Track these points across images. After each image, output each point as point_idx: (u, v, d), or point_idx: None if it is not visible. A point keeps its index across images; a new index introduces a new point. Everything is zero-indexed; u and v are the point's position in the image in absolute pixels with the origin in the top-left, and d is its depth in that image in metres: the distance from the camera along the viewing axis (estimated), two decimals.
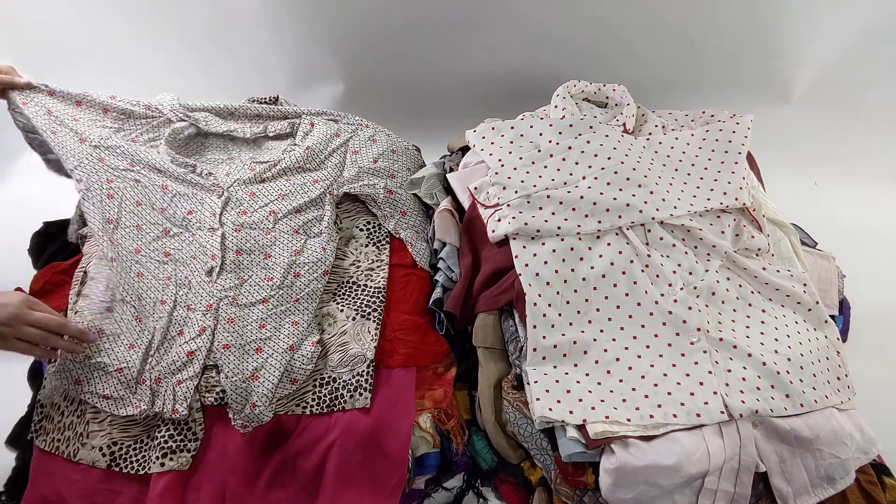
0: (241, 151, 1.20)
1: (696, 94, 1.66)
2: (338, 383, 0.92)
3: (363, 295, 1.03)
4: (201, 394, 0.88)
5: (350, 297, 1.03)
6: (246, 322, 0.95)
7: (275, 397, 0.88)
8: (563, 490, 0.85)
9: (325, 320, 1.00)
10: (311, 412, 0.90)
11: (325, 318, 1.00)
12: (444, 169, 1.24)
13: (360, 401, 0.91)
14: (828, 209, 1.49)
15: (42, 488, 0.85)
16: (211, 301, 0.95)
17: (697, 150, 1.14)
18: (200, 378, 0.89)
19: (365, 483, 0.87)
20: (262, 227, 1.04)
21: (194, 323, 0.93)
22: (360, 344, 0.97)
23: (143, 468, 0.85)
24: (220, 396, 0.89)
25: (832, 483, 0.85)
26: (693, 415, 0.83)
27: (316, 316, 1.00)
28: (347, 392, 0.91)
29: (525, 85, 1.64)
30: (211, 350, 0.91)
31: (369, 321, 1.00)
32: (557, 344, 0.91)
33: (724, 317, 0.95)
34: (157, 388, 0.88)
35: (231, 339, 0.92)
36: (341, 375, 0.93)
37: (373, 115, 1.31)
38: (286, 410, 0.90)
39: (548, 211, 1.03)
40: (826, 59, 1.64)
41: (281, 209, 1.07)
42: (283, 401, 0.90)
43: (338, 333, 0.98)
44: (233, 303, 0.96)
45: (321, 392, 0.91)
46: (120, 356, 0.91)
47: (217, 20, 1.61)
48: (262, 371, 0.90)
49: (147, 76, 1.72)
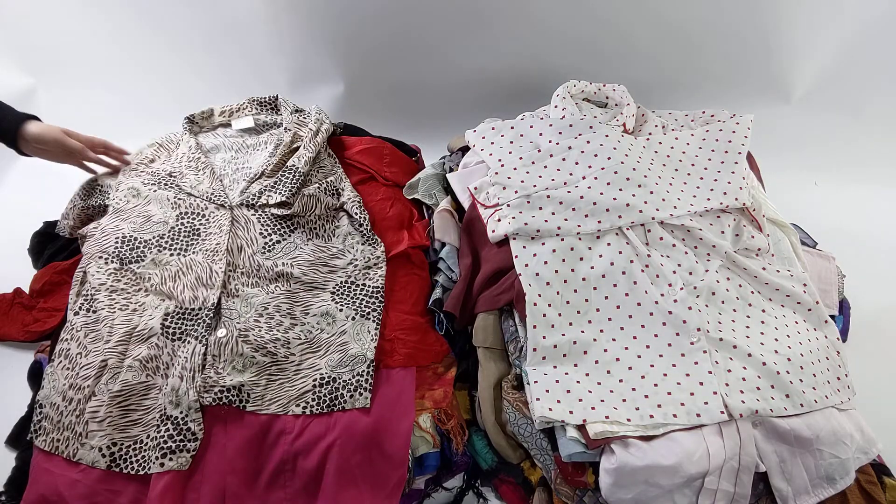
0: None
1: (696, 94, 1.66)
2: (338, 383, 0.92)
3: (362, 294, 1.03)
4: (200, 394, 0.89)
5: (349, 296, 1.03)
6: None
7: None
8: (563, 490, 0.85)
9: (323, 320, 1.00)
10: (312, 412, 0.90)
11: (324, 318, 1.00)
12: (443, 169, 1.24)
13: (360, 401, 0.91)
14: (828, 209, 1.49)
15: (42, 488, 0.85)
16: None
17: (697, 150, 1.14)
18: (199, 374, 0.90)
19: (365, 483, 0.87)
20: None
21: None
22: (360, 344, 0.97)
23: (143, 468, 0.85)
24: (218, 396, 0.89)
25: (832, 483, 0.85)
26: (693, 415, 0.83)
27: (314, 315, 1.00)
28: (347, 392, 0.91)
29: (525, 85, 1.64)
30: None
31: (369, 321, 1.00)
32: (557, 344, 0.91)
33: (724, 317, 0.95)
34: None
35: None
36: (341, 375, 0.93)
37: (373, 115, 1.31)
38: (286, 410, 0.90)
39: (548, 211, 1.03)
40: (826, 59, 1.64)
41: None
42: (282, 400, 0.90)
43: (337, 333, 0.98)
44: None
45: (321, 392, 0.91)
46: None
47: (217, 20, 1.61)
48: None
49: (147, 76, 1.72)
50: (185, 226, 1.08)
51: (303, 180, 1.13)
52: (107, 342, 0.93)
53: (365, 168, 1.23)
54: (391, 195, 1.21)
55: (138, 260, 1.03)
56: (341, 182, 1.18)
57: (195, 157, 1.18)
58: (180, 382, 0.89)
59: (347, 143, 1.27)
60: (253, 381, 0.91)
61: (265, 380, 0.92)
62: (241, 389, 0.90)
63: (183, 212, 1.09)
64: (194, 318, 0.95)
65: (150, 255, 1.03)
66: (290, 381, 0.93)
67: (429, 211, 1.20)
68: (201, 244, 1.05)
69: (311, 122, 1.24)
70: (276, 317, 0.98)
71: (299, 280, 1.02)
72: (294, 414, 0.90)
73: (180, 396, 0.88)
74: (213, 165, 1.18)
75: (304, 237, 1.09)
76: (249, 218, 1.08)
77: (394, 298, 1.05)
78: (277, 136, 1.24)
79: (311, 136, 1.20)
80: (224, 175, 1.17)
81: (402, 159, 1.30)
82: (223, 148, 1.23)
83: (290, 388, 0.92)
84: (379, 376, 0.94)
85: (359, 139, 1.29)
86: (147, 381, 0.90)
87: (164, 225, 1.08)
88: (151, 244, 1.05)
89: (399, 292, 1.06)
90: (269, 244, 1.06)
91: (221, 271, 1.01)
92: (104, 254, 1.03)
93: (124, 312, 0.97)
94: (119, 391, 0.88)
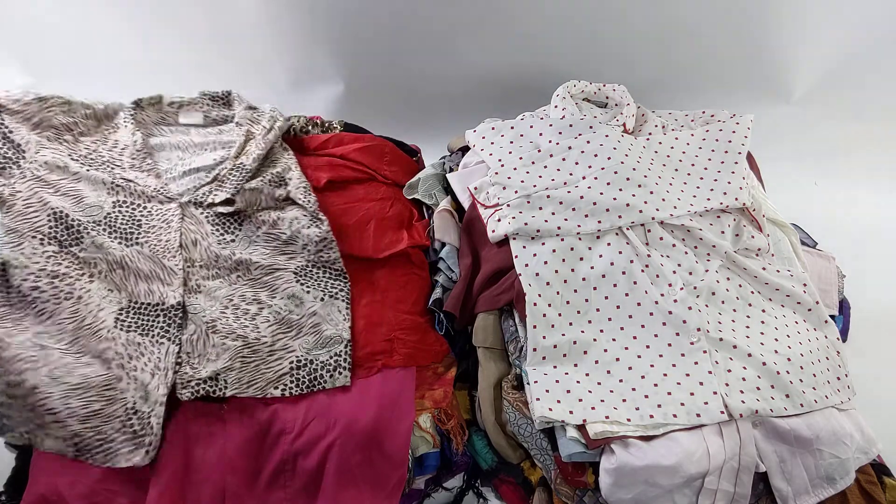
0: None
1: (696, 94, 1.66)
2: (315, 364, 0.93)
3: (325, 277, 1.03)
4: (178, 391, 0.88)
5: (313, 279, 1.03)
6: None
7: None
8: (563, 490, 0.85)
9: (291, 302, 0.99)
10: (291, 394, 0.91)
11: (292, 300, 1.00)
12: (443, 169, 1.24)
13: (340, 380, 0.92)
14: (828, 209, 1.49)
15: (42, 488, 0.85)
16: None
17: (697, 150, 1.14)
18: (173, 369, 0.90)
19: (365, 483, 0.87)
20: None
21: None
22: (334, 325, 0.98)
23: (107, 461, 0.85)
24: (196, 390, 0.88)
25: (832, 483, 0.85)
26: (693, 415, 0.83)
27: (281, 298, 0.99)
28: (327, 372, 0.92)
29: (525, 85, 1.64)
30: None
31: (338, 300, 1.00)
32: (557, 344, 0.91)
33: (724, 317, 0.95)
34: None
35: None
36: (318, 357, 0.94)
37: (373, 115, 1.31)
38: (264, 393, 0.90)
39: (548, 211, 1.03)
40: (826, 58, 1.64)
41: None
42: (259, 382, 0.91)
43: (307, 314, 0.98)
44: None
45: (299, 374, 0.92)
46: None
47: (217, 20, 1.61)
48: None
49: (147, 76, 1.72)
50: (123, 215, 1.01)
51: (249, 177, 1.10)
52: (59, 337, 0.90)
53: (364, 169, 1.22)
54: (391, 195, 1.21)
55: (77, 242, 0.97)
56: (289, 171, 1.14)
57: (140, 156, 1.10)
58: (150, 379, 0.88)
59: (345, 140, 1.27)
60: (227, 366, 0.91)
61: (239, 363, 0.92)
62: (217, 378, 0.90)
63: (121, 200, 1.03)
64: (156, 315, 0.94)
65: (87, 239, 0.97)
66: (265, 362, 0.93)
67: (429, 211, 1.20)
68: (146, 236, 1.01)
69: (265, 120, 1.20)
70: (241, 306, 0.98)
71: (260, 265, 1.01)
72: (273, 396, 0.90)
73: (149, 392, 0.87)
74: (158, 168, 1.11)
75: (254, 227, 1.07)
76: (198, 216, 1.06)
77: (394, 298, 1.05)
78: (227, 134, 1.20)
79: (263, 134, 1.17)
80: (170, 179, 1.10)
81: (402, 159, 1.30)
82: (169, 147, 1.17)
83: (267, 371, 0.92)
84: (379, 376, 0.94)
85: (359, 136, 1.29)
86: (107, 373, 0.88)
87: (98, 209, 1.01)
88: (87, 226, 0.98)
89: (399, 292, 1.06)
90: (222, 241, 1.04)
91: (179, 269, 0.99)
92: (38, 233, 0.96)
93: (69, 302, 0.92)
94: (78, 384, 0.86)
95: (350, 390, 0.93)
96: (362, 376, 0.95)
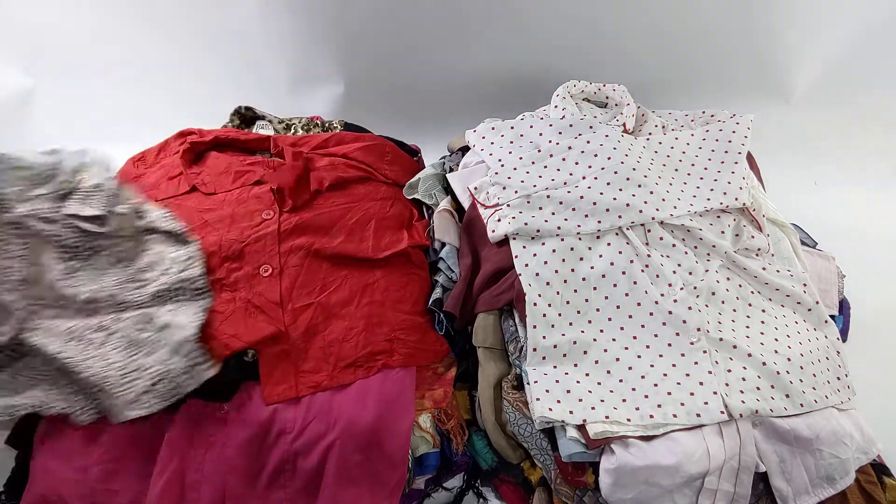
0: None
1: (695, 94, 1.66)
2: (174, 373, 0.88)
3: (184, 296, 0.97)
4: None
5: (170, 298, 0.97)
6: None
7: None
8: (563, 490, 0.85)
9: (141, 319, 0.93)
10: (153, 411, 0.85)
11: (142, 317, 0.94)
12: (443, 169, 1.24)
13: (204, 375, 0.88)
14: (828, 209, 1.49)
15: (41, 488, 0.85)
16: None
17: (697, 150, 1.14)
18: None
19: (365, 483, 0.87)
20: None
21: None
22: (182, 329, 0.91)
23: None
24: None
25: (832, 483, 0.85)
26: (693, 415, 0.83)
27: (128, 318, 0.93)
28: (185, 375, 0.87)
29: (525, 85, 1.64)
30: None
31: (194, 302, 0.96)
32: (557, 344, 0.91)
33: (724, 317, 0.95)
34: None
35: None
36: (176, 365, 0.88)
37: (373, 115, 1.31)
38: (124, 417, 0.85)
39: (548, 211, 1.03)
40: (826, 59, 1.64)
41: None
42: (118, 406, 0.86)
43: (157, 329, 0.92)
44: None
45: (159, 388, 0.87)
46: None
47: (217, 21, 1.62)
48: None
49: (147, 76, 1.72)
50: None
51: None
52: None
53: (364, 168, 1.22)
54: (391, 195, 1.21)
55: None
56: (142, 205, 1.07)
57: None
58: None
59: (346, 139, 1.27)
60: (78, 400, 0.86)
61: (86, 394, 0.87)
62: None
63: None
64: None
65: None
66: (119, 386, 0.87)
67: (429, 211, 1.20)
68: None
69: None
70: (85, 336, 0.91)
71: (110, 301, 0.95)
72: (135, 417, 0.85)
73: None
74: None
75: (108, 261, 1.00)
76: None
77: (394, 298, 1.05)
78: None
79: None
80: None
81: (403, 158, 1.30)
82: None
83: (124, 394, 0.86)
84: (379, 376, 0.94)
85: (359, 135, 1.29)
86: None
87: None
88: None
89: (399, 292, 1.06)
90: (69, 270, 0.97)
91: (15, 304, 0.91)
92: None
93: None
94: None
95: (350, 390, 0.93)
96: (362, 376, 0.94)
